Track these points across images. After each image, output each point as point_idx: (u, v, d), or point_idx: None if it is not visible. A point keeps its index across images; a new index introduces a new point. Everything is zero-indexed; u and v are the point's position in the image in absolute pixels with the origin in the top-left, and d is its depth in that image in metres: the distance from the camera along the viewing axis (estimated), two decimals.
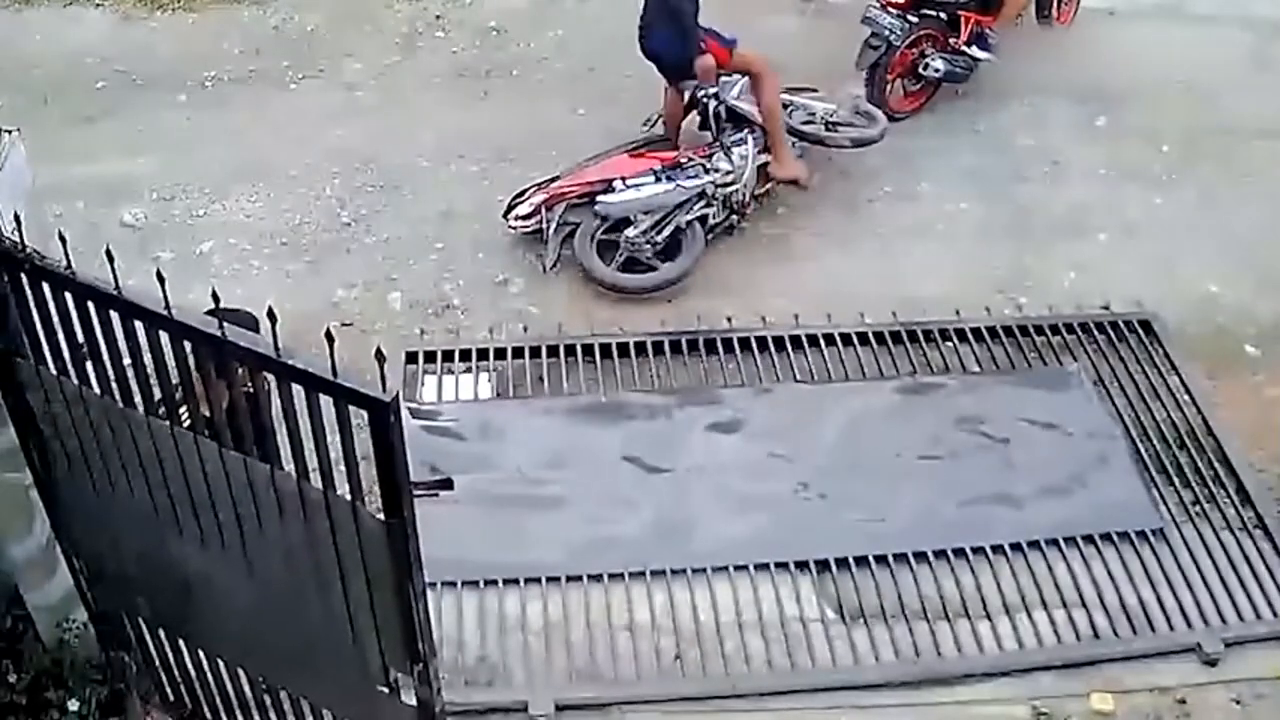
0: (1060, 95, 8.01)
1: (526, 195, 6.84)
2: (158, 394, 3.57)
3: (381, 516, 3.20)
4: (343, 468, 3.19)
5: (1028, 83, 8.09)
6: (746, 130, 6.98)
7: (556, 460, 5.68)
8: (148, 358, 3.44)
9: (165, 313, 3.23)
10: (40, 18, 8.82)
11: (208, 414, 3.52)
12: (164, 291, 3.23)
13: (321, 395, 3.10)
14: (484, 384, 6.06)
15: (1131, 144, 7.66)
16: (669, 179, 6.70)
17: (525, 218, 6.79)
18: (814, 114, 7.20)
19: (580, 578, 5.21)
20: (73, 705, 4.36)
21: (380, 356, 2.99)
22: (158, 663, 4.40)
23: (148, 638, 4.33)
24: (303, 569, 3.54)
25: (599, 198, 6.65)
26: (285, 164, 7.47)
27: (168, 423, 3.52)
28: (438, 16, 8.80)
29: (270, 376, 3.28)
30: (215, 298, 3.20)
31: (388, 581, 3.36)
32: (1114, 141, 7.71)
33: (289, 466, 3.36)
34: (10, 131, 4.29)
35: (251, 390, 3.57)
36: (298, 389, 3.13)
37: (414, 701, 3.62)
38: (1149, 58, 8.26)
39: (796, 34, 8.48)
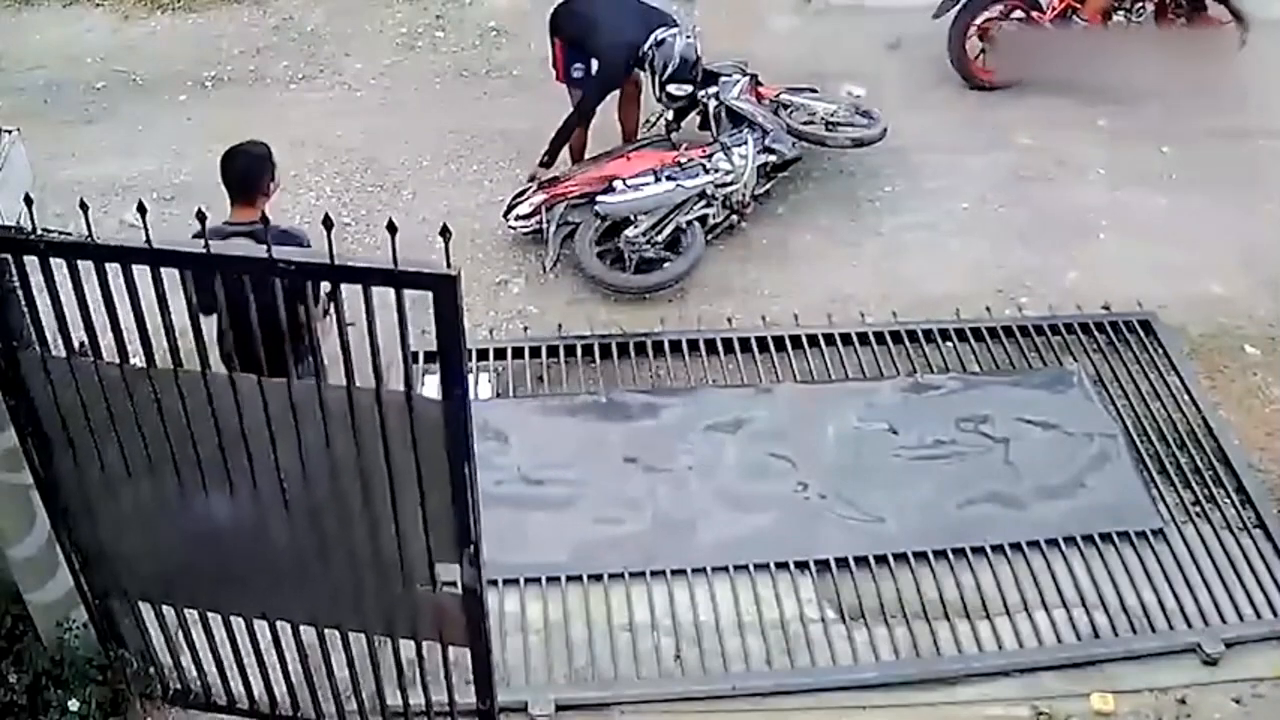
0: (1062, 95, 8.01)
1: (526, 195, 6.84)
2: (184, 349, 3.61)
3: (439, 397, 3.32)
4: None
5: (1030, 82, 8.08)
6: (746, 130, 6.98)
7: (556, 460, 5.67)
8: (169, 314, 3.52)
9: (205, 250, 3.35)
10: (40, 18, 8.83)
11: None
12: (204, 229, 3.35)
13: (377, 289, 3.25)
14: (484, 384, 6.05)
15: (1132, 144, 7.66)
16: (669, 179, 6.69)
17: (525, 218, 6.79)
18: (814, 114, 7.18)
19: (580, 578, 5.21)
20: (73, 705, 4.35)
21: (445, 232, 3.11)
22: (162, 647, 4.40)
23: (154, 627, 4.33)
24: (347, 483, 3.57)
25: (599, 198, 6.65)
26: (285, 164, 7.38)
27: (199, 370, 3.54)
28: (438, 16, 8.81)
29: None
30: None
31: (441, 467, 3.44)
32: (1115, 141, 7.71)
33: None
34: (10, 131, 4.30)
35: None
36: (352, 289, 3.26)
37: (460, 590, 3.69)
38: (1149, 58, 8.25)
39: (797, 33, 8.49)
